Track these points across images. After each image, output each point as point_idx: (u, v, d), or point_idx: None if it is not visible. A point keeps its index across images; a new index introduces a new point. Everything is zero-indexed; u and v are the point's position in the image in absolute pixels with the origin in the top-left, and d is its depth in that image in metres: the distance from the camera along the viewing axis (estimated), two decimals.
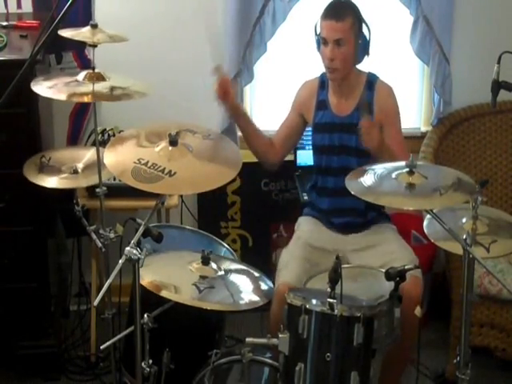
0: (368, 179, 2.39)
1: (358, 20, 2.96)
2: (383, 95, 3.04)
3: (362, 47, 2.97)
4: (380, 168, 2.45)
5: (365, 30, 2.98)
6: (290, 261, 2.93)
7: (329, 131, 3.07)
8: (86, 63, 3.55)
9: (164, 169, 2.21)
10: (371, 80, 3.06)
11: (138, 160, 2.23)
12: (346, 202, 2.94)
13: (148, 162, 2.23)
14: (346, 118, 3.05)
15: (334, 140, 3.06)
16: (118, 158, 2.29)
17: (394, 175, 2.35)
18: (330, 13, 2.94)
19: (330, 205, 3.09)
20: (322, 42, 2.96)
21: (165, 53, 3.73)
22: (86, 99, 2.64)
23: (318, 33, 3.00)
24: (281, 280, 2.82)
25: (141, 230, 2.21)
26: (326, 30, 2.93)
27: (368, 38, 2.99)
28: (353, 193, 2.34)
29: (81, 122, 3.73)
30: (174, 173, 2.20)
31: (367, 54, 3.01)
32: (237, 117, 3.12)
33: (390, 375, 2.94)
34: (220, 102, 3.02)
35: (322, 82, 3.12)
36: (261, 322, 3.16)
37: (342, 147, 3.04)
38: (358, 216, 3.05)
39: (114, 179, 3.26)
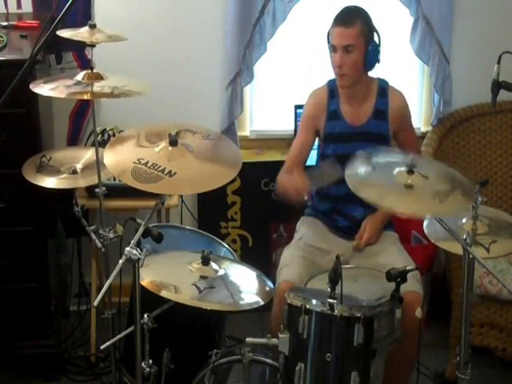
0: (365, 172, 2.38)
1: (368, 26, 2.94)
2: (397, 102, 3.04)
3: (372, 54, 2.94)
4: (380, 168, 2.44)
5: (376, 36, 2.96)
6: (291, 260, 2.93)
7: (343, 141, 3.03)
8: (86, 63, 3.55)
9: (164, 169, 2.20)
10: (383, 86, 3.05)
11: (138, 160, 2.23)
12: (353, 208, 2.96)
13: (148, 162, 2.22)
14: (361, 128, 3.03)
15: (350, 150, 2.97)
16: (118, 158, 2.28)
17: (393, 174, 2.34)
18: (338, 19, 2.93)
19: (334, 209, 3.08)
20: (332, 49, 2.94)
21: (165, 53, 3.73)
22: (85, 96, 2.64)
23: (330, 48, 2.97)
24: (282, 278, 2.82)
25: (141, 229, 2.21)
26: (335, 37, 2.92)
27: (378, 45, 2.97)
28: (350, 187, 2.31)
29: (81, 122, 3.73)
30: (174, 173, 2.20)
31: (378, 61, 2.99)
32: None
33: (395, 380, 2.93)
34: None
35: (332, 91, 3.07)
36: (261, 322, 3.16)
37: None
38: (362, 221, 3.04)
39: (114, 179, 3.26)
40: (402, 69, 3.93)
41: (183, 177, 2.22)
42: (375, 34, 2.98)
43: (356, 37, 2.90)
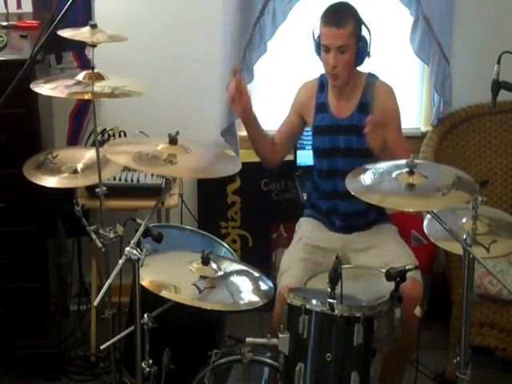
0: (367, 179, 2.38)
1: (358, 23, 2.94)
2: (383, 95, 3.03)
3: (362, 49, 2.95)
4: (380, 168, 2.44)
5: (365, 31, 2.96)
6: (291, 263, 2.93)
7: (329, 134, 3.05)
8: (85, 63, 3.55)
9: (165, 159, 2.21)
10: (371, 80, 3.05)
11: (139, 152, 2.24)
12: (349, 204, 2.96)
13: (149, 153, 2.23)
14: (346, 120, 3.03)
15: (335, 142, 3.04)
16: (119, 151, 2.29)
17: (394, 176, 2.34)
18: (330, 20, 2.90)
19: (331, 207, 3.09)
20: (323, 49, 2.93)
21: (165, 53, 3.73)
22: (86, 96, 2.64)
23: (316, 37, 2.97)
24: (283, 283, 2.82)
25: (141, 229, 2.21)
26: (328, 38, 2.90)
27: (368, 40, 2.97)
28: (353, 193, 2.33)
29: (81, 122, 3.73)
30: (175, 162, 2.20)
31: (368, 55, 2.99)
32: (247, 119, 3.08)
33: (391, 377, 2.94)
34: (232, 103, 3.00)
35: (322, 84, 3.09)
36: (261, 322, 3.16)
37: (345, 149, 3.02)
38: (360, 217, 3.05)
39: (114, 179, 3.26)
40: (402, 69, 3.93)
41: (184, 164, 2.22)
42: (364, 28, 2.96)
43: (349, 36, 2.89)
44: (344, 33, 2.88)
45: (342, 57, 2.90)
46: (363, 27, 2.96)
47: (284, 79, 3.90)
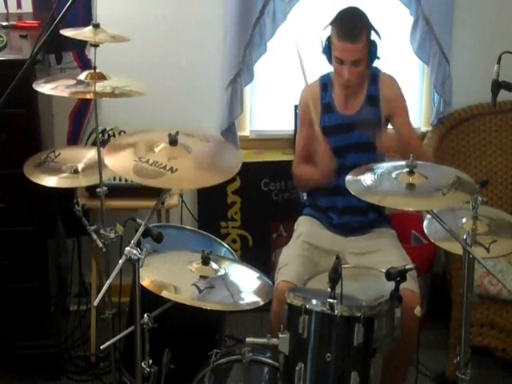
0: (368, 180, 2.39)
1: (370, 31, 2.94)
2: (388, 86, 3.05)
3: (373, 54, 2.96)
4: (380, 168, 2.45)
5: (374, 35, 2.96)
6: (289, 259, 2.93)
7: (337, 133, 3.04)
8: (85, 63, 3.56)
9: (165, 166, 2.20)
10: (375, 73, 3.06)
11: (139, 158, 2.22)
12: (349, 200, 2.96)
13: (149, 160, 2.22)
14: (354, 116, 3.04)
15: (344, 140, 3.03)
16: (119, 157, 2.27)
17: (394, 176, 2.35)
18: (345, 34, 2.89)
19: (330, 203, 3.09)
20: (336, 60, 2.93)
21: (165, 53, 3.73)
22: (88, 96, 2.64)
23: (325, 40, 2.96)
24: (281, 278, 2.82)
25: (141, 229, 2.21)
26: (343, 52, 2.89)
27: (378, 44, 2.96)
28: (353, 193, 2.33)
29: (81, 122, 3.73)
30: (176, 169, 2.19)
31: (378, 58, 2.99)
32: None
33: (393, 379, 2.94)
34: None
35: (324, 85, 3.09)
36: (261, 322, 3.16)
37: (353, 145, 3.02)
38: (359, 215, 3.05)
39: (114, 179, 3.26)
40: (402, 69, 3.93)
41: (185, 172, 2.21)
42: (373, 33, 2.97)
43: (363, 49, 2.91)
44: (359, 47, 2.89)
45: (356, 69, 2.91)
46: (373, 32, 2.96)
47: (284, 79, 3.90)
